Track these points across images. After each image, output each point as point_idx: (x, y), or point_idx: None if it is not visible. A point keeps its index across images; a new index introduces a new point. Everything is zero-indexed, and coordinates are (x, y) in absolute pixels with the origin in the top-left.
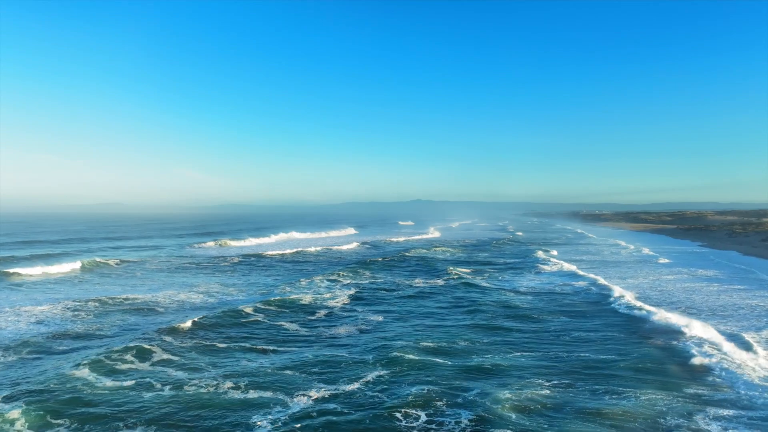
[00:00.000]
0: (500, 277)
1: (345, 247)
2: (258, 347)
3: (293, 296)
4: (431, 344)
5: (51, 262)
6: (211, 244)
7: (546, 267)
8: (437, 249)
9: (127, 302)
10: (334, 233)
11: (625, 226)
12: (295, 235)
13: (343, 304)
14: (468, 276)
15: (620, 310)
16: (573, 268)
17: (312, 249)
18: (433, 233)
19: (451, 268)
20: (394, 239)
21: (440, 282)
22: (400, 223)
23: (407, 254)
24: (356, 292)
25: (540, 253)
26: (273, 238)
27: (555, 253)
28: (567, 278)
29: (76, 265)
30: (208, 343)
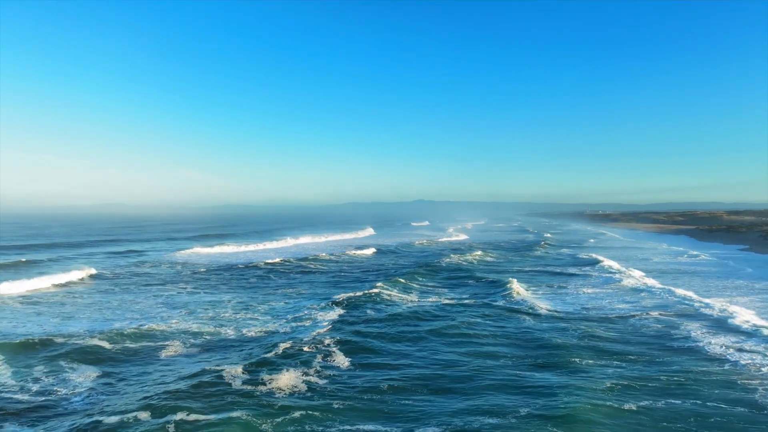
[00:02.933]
0: (570, 297)
1: (363, 253)
2: None
3: (296, 343)
4: None
5: (7, 276)
6: (209, 249)
7: (616, 277)
8: (474, 255)
9: (47, 346)
10: (348, 236)
11: (639, 226)
12: (305, 239)
13: (359, 354)
14: (532, 296)
15: None
16: (657, 283)
17: (325, 256)
18: (457, 235)
19: (508, 282)
20: (417, 242)
21: (500, 304)
22: (413, 224)
23: (440, 262)
24: (385, 326)
25: (598, 261)
26: (280, 243)
27: (611, 261)
28: (659, 298)
29: (30, 281)
30: None
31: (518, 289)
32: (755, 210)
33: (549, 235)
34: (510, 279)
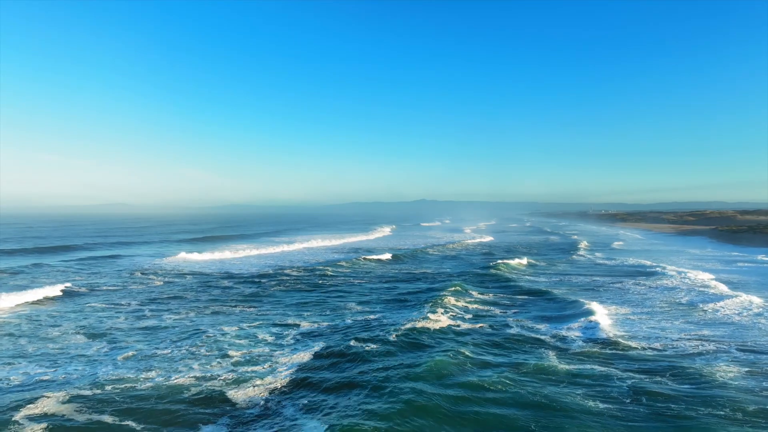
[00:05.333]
0: (674, 328)
1: (380, 259)
2: None
3: None
4: None
5: None
6: (199, 256)
7: (708, 292)
8: (513, 261)
9: None
10: (359, 238)
11: (651, 227)
12: (311, 242)
13: None
14: (624, 329)
15: None
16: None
17: (334, 264)
18: (479, 237)
19: (583, 304)
20: (438, 245)
21: (586, 342)
22: (423, 224)
23: (478, 271)
24: (429, 388)
25: (657, 268)
26: (282, 248)
27: (678, 268)
28: None
29: None
30: None
31: (601, 315)
32: (765, 210)
33: (576, 236)
34: (585, 301)
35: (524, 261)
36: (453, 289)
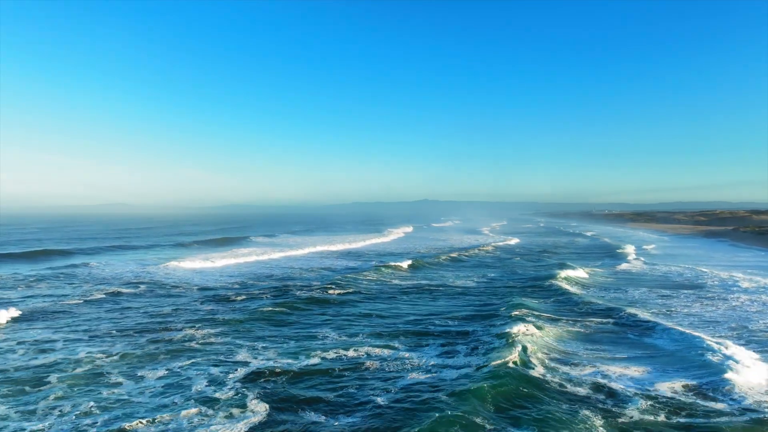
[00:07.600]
0: None
1: (398, 265)
2: None
3: None
4: None
5: None
6: (189, 263)
7: None
8: (569, 273)
9: None
10: (370, 241)
11: (664, 227)
12: (318, 247)
13: None
14: None
15: None
16: None
17: (350, 274)
18: (504, 239)
19: (717, 350)
20: (462, 248)
21: None
22: (434, 225)
23: (531, 284)
24: None
25: (743, 284)
26: (286, 252)
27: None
28: None
29: None
30: None
31: (744, 368)
32: None
33: (607, 239)
34: (703, 336)
35: (582, 272)
36: (510, 314)
